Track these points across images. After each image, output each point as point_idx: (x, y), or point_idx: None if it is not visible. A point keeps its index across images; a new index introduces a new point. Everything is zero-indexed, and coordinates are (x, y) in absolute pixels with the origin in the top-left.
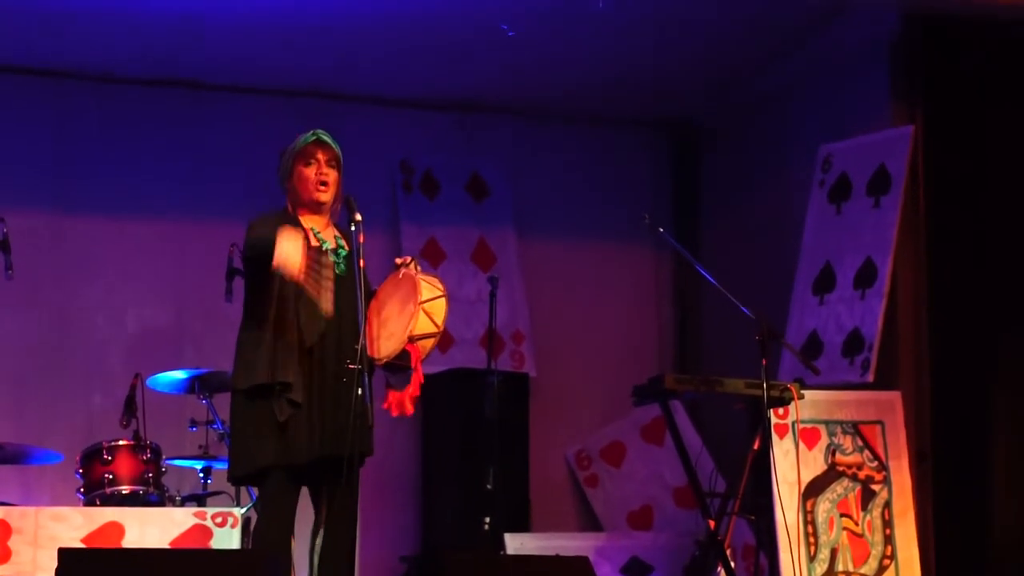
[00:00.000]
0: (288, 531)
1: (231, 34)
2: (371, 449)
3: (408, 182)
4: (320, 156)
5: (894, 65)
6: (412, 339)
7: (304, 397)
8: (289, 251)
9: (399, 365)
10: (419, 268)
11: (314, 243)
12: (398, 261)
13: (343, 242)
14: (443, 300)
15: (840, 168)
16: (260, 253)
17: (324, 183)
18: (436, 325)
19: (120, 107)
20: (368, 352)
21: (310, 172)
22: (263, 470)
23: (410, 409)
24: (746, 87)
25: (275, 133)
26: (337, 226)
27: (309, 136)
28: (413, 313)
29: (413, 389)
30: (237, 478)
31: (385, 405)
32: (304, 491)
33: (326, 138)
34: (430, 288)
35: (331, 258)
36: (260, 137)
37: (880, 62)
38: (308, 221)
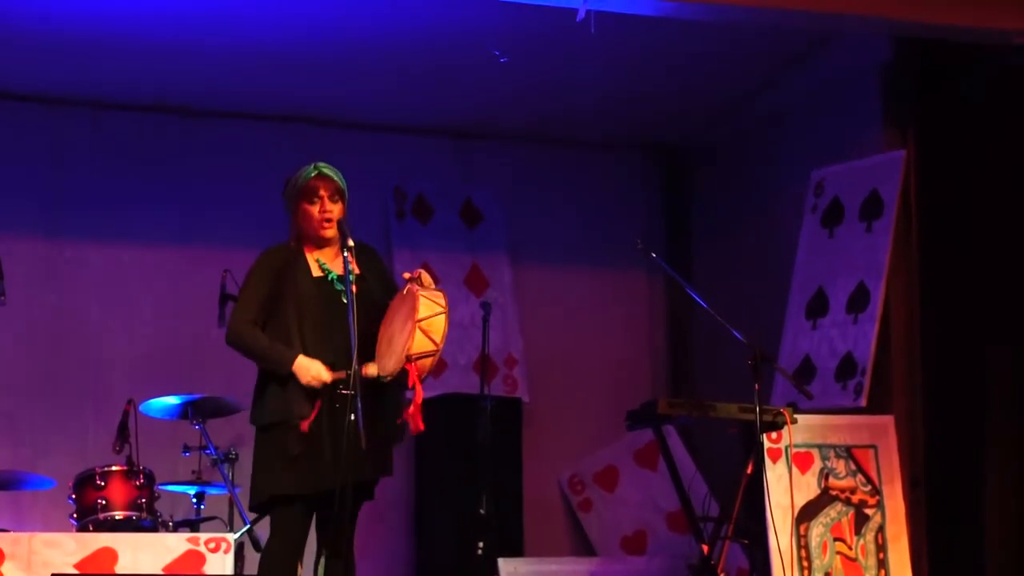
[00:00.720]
0: (294, 557)
1: (225, 61)
2: (390, 469)
3: (401, 208)
4: (323, 192)
5: (885, 91)
6: (410, 359)
7: (316, 428)
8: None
9: (402, 382)
10: (428, 282)
11: (317, 274)
12: (406, 276)
13: (353, 267)
14: (443, 317)
15: (832, 192)
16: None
17: (328, 220)
18: (435, 343)
19: (115, 133)
20: (378, 369)
21: (313, 210)
22: (274, 499)
23: (416, 427)
24: (739, 112)
25: (269, 159)
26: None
27: (311, 171)
28: (411, 332)
29: (413, 408)
30: (252, 507)
31: (403, 418)
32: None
33: (327, 171)
34: (429, 305)
35: (337, 287)
36: (254, 163)
37: (872, 88)
38: (314, 253)
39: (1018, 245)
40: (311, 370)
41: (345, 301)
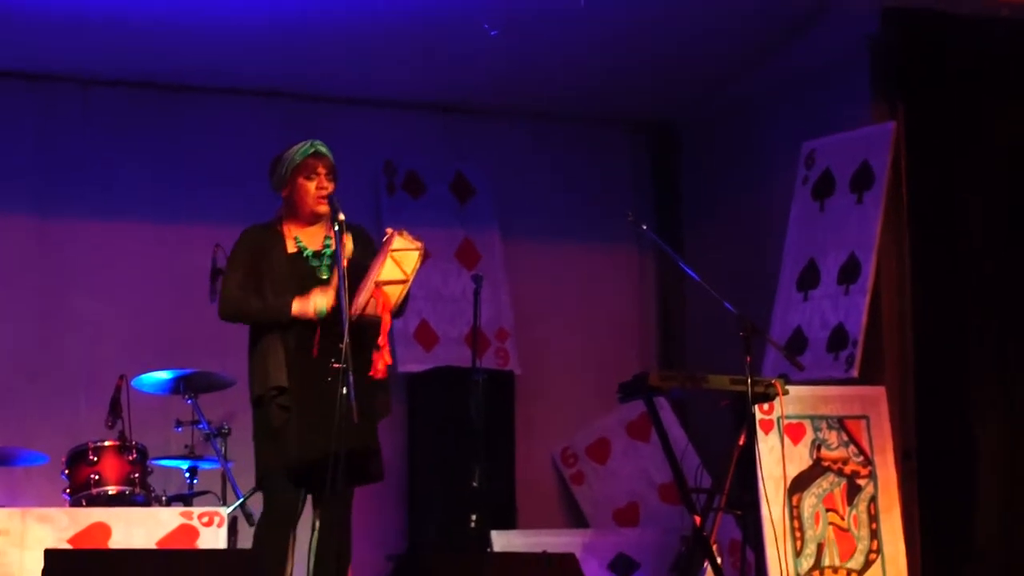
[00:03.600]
0: (285, 531)
1: (215, 36)
2: (377, 444)
3: (392, 183)
4: (321, 169)
5: (875, 63)
6: (378, 284)
7: (297, 401)
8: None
9: (370, 319)
10: (406, 234)
11: (292, 250)
12: (389, 230)
13: (345, 241)
14: (416, 253)
15: (823, 164)
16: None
17: (325, 196)
18: (404, 273)
19: (104, 110)
20: (351, 308)
21: (311, 186)
22: (264, 473)
23: (380, 366)
24: (729, 86)
25: (259, 135)
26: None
27: (307, 148)
28: (382, 261)
29: (382, 338)
30: (256, 483)
31: (371, 371)
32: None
33: (324, 149)
34: (403, 241)
35: (312, 264)
36: (243, 139)
37: (861, 60)
38: (293, 230)
39: (1008, 215)
40: (310, 303)
41: (324, 277)
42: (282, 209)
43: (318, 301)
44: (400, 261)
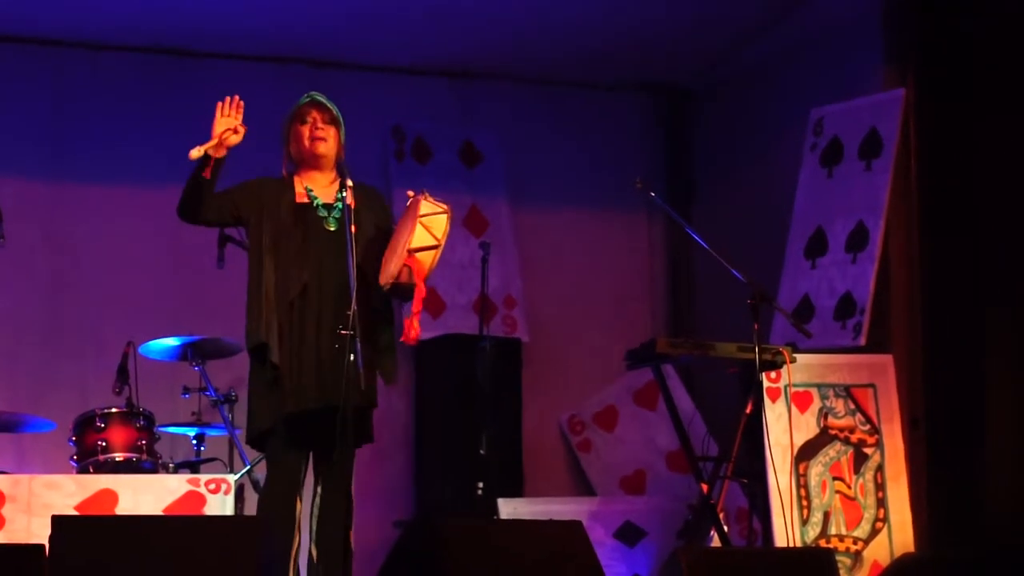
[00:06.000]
0: (291, 494)
1: (222, 2)
2: (374, 400)
3: (400, 149)
4: (315, 115)
5: (887, 29)
6: (411, 252)
7: (286, 354)
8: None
9: (404, 286)
10: (429, 196)
11: (301, 200)
12: (410, 193)
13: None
14: (444, 216)
15: (832, 131)
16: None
17: (320, 138)
18: (436, 238)
19: (115, 75)
20: (382, 278)
21: (304, 130)
22: (264, 433)
23: (413, 335)
24: (740, 52)
25: (267, 100)
26: (357, 185)
27: (303, 98)
28: (412, 228)
29: (416, 305)
30: (248, 441)
31: (403, 338)
32: None
33: (320, 98)
34: (430, 205)
35: (320, 213)
36: (252, 104)
37: (873, 27)
38: (304, 180)
39: (1017, 182)
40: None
41: (331, 229)
42: (288, 164)
43: (215, 127)
44: (429, 226)
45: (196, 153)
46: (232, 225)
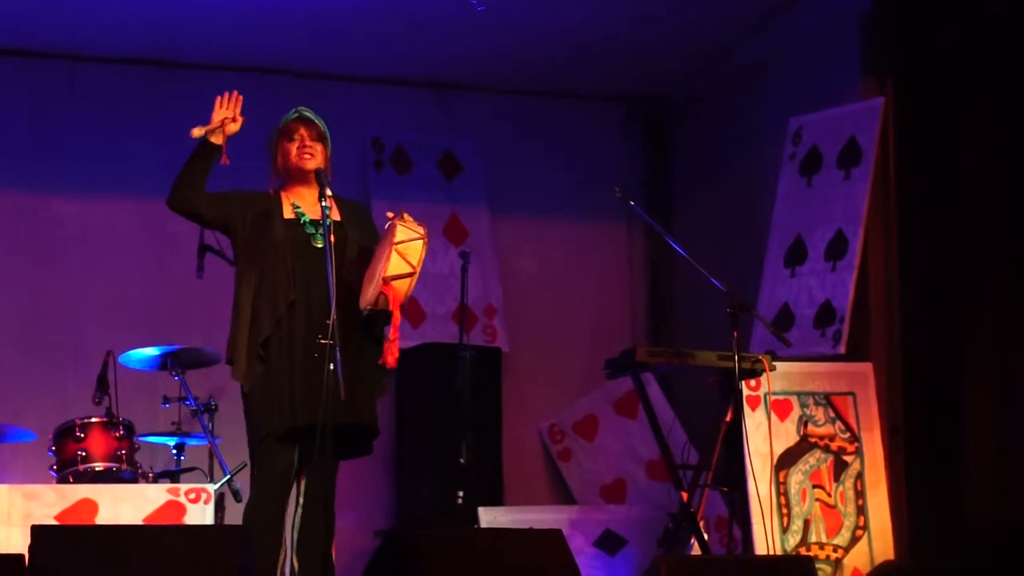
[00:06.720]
0: (277, 507)
1: (204, 12)
2: (375, 427)
3: (380, 159)
4: (302, 131)
5: (865, 39)
6: (386, 280)
7: (274, 370)
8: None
9: (381, 313)
10: (409, 219)
11: (289, 216)
12: (389, 215)
13: (332, 214)
14: (420, 242)
15: (810, 141)
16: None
17: (309, 154)
18: (411, 265)
19: (94, 85)
20: (360, 303)
21: (292, 147)
22: (253, 449)
23: (391, 359)
24: (719, 63)
25: (249, 111)
26: (344, 200)
27: (291, 114)
28: (388, 255)
29: (392, 332)
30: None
31: (380, 360)
32: None
33: (308, 114)
34: (406, 231)
35: (308, 230)
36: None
37: (851, 37)
38: (291, 196)
39: (996, 191)
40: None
41: (318, 245)
42: (276, 179)
43: (213, 116)
44: (405, 253)
45: (197, 132)
46: (218, 227)
